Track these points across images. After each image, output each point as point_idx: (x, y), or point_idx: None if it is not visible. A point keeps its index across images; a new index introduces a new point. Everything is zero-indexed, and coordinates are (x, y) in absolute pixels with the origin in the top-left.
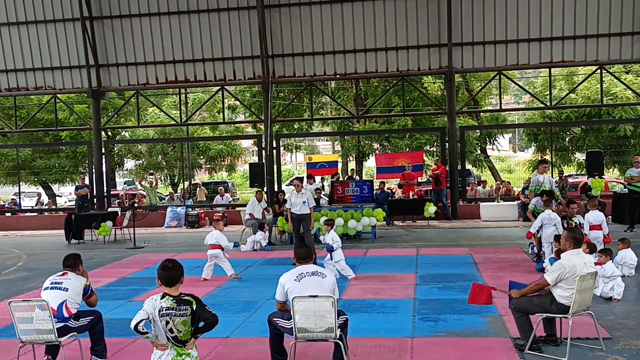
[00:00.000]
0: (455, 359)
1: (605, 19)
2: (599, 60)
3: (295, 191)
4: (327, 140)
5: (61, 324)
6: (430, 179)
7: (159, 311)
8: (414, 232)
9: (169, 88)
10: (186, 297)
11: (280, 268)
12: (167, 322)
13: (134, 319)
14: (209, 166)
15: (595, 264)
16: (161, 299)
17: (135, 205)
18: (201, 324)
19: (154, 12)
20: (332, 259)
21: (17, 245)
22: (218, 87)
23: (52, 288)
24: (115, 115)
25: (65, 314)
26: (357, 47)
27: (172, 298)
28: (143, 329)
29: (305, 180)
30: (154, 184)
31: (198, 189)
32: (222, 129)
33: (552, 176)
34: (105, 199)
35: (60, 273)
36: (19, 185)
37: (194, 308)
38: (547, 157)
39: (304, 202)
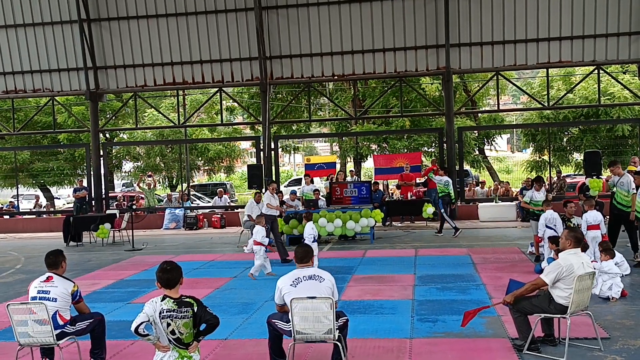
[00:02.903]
0: (454, 359)
1: (603, 19)
2: (596, 60)
3: (270, 194)
4: (325, 142)
5: (58, 331)
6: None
7: (160, 313)
8: (412, 233)
9: (166, 90)
10: (187, 299)
11: (278, 269)
12: (169, 324)
13: (134, 321)
14: (207, 168)
15: (593, 261)
16: (161, 301)
17: (134, 207)
18: (203, 326)
19: (151, 14)
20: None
21: (15, 247)
22: (216, 89)
23: (40, 298)
24: (114, 118)
25: (60, 322)
26: (355, 48)
27: (172, 300)
28: (144, 331)
29: (303, 180)
30: (152, 186)
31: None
32: (220, 130)
33: (550, 177)
34: (104, 201)
35: (45, 278)
36: (17, 188)
37: (195, 310)
38: (545, 158)
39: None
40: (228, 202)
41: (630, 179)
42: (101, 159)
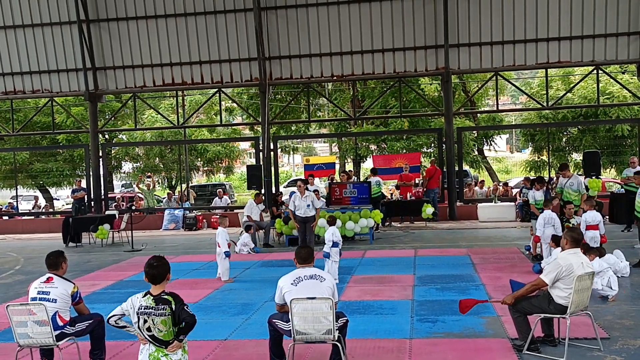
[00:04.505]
0: (454, 359)
1: (602, 19)
2: (595, 60)
3: (299, 194)
4: (324, 142)
5: (57, 332)
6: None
7: (138, 309)
8: (411, 233)
9: (166, 90)
10: (165, 297)
11: (278, 270)
12: (145, 321)
13: (110, 313)
14: (206, 168)
15: None
16: (142, 297)
17: (133, 208)
18: (182, 324)
19: (150, 14)
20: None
21: (14, 248)
22: (215, 90)
23: (40, 299)
24: (113, 118)
25: (60, 323)
26: (354, 48)
27: (152, 297)
28: (117, 323)
29: (314, 180)
30: (151, 187)
31: (187, 191)
32: (220, 131)
33: (549, 177)
34: (103, 201)
35: (45, 279)
36: (17, 189)
37: (173, 307)
38: (545, 158)
39: (309, 205)
40: (227, 203)
41: (580, 180)
42: (100, 159)
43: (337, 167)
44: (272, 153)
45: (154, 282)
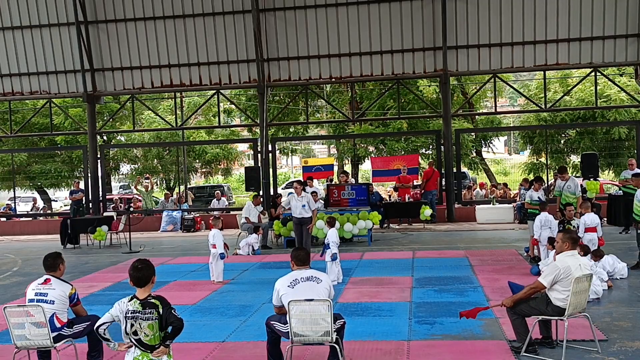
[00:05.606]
0: None
1: (600, 21)
2: (593, 62)
3: (295, 194)
4: (323, 144)
5: (55, 333)
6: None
7: (125, 313)
8: (410, 235)
9: (164, 92)
10: (152, 300)
11: (276, 272)
12: (132, 325)
13: (99, 320)
14: (204, 170)
15: None
16: (129, 301)
17: (131, 209)
18: (169, 329)
19: (149, 16)
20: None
21: (12, 250)
22: (213, 91)
23: (37, 301)
24: (111, 120)
25: (58, 325)
26: (353, 50)
27: (138, 301)
28: (104, 334)
29: (313, 182)
30: (149, 188)
31: (185, 193)
32: (218, 132)
33: (547, 180)
34: (101, 203)
35: (43, 280)
36: (14, 190)
37: (160, 311)
38: (543, 160)
39: (304, 206)
40: (226, 205)
41: (577, 183)
42: (98, 161)
43: (336, 168)
44: (270, 155)
45: (138, 285)
